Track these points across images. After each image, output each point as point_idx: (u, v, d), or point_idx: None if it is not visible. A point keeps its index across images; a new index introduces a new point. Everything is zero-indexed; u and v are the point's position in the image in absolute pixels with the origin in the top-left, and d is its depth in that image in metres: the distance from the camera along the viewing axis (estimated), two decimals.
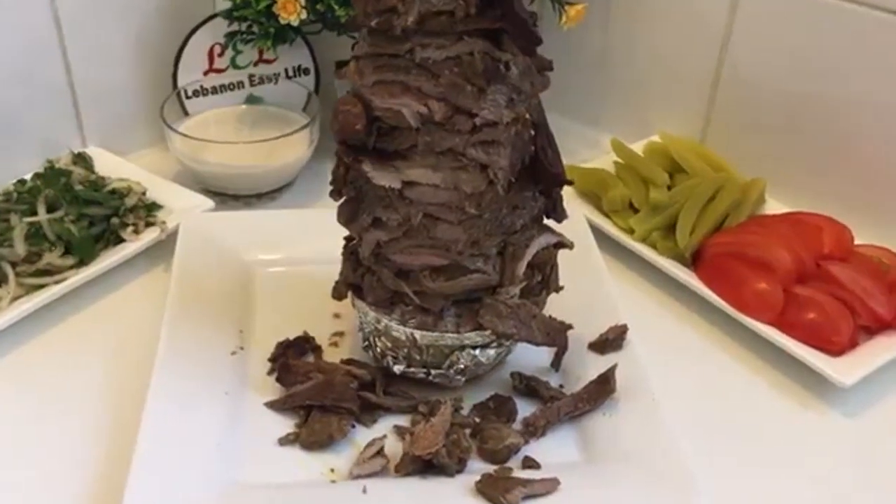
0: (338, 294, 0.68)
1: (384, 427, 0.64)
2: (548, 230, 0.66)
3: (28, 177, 0.84)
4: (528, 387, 0.67)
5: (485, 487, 0.57)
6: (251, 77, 0.96)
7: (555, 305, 0.68)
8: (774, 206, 0.88)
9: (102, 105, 0.93)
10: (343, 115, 0.58)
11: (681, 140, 0.93)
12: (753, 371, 0.73)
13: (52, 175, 0.83)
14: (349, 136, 0.58)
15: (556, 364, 0.68)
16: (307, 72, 0.99)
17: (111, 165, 0.89)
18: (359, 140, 0.58)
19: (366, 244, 0.63)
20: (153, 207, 0.83)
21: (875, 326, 0.73)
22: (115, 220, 0.79)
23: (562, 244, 0.66)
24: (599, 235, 0.82)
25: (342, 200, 0.64)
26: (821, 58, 0.84)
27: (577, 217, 0.81)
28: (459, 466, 0.60)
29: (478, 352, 0.64)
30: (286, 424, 0.64)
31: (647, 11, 0.96)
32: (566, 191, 0.65)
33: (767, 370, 0.73)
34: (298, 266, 0.78)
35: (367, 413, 0.65)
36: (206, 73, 0.95)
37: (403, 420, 0.65)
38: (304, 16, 0.85)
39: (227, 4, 0.89)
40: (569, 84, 1.03)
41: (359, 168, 0.59)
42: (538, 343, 0.65)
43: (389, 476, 0.60)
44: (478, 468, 0.60)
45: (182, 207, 0.84)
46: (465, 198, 0.59)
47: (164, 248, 0.80)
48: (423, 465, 0.60)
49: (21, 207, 0.78)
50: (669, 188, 0.86)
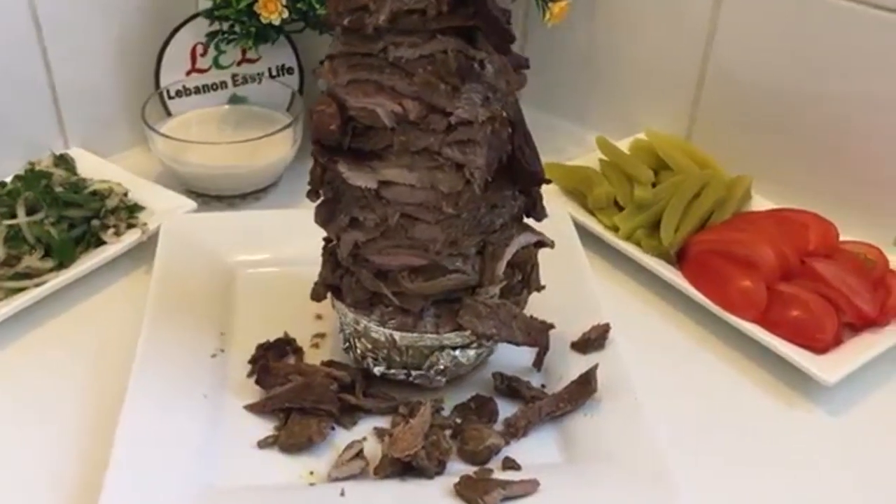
0: (317, 295, 0.67)
1: (364, 429, 0.64)
2: (528, 229, 0.65)
3: (8, 179, 0.83)
4: (510, 387, 0.66)
5: (464, 489, 0.57)
6: (234, 77, 0.95)
7: (537, 305, 0.67)
8: (760, 203, 0.87)
9: (84, 106, 0.92)
10: (318, 116, 0.57)
11: (666, 137, 0.93)
12: (738, 369, 0.72)
13: (33, 177, 0.82)
14: (324, 137, 0.58)
15: (538, 364, 0.68)
16: (291, 71, 0.98)
17: (93, 167, 0.88)
18: (334, 140, 0.58)
19: (344, 245, 0.62)
20: (135, 209, 0.83)
21: (860, 324, 0.72)
22: (96, 223, 0.79)
23: (542, 243, 0.66)
24: (584, 233, 0.82)
25: (319, 201, 0.63)
26: (806, 54, 0.84)
27: (562, 215, 0.81)
28: (439, 468, 0.59)
29: (458, 352, 0.64)
30: (265, 427, 0.63)
31: (632, 8, 0.96)
32: (551, 189, 0.64)
33: (752, 368, 0.72)
34: (280, 267, 0.78)
35: (347, 415, 0.64)
36: (189, 73, 0.94)
37: (384, 422, 0.64)
38: (286, 15, 0.85)
39: (209, 4, 0.88)
40: (554, 81, 1.03)
41: (334, 168, 0.58)
42: (519, 343, 0.65)
43: (368, 478, 0.60)
44: (458, 469, 0.60)
45: (164, 209, 0.83)
46: (442, 197, 0.58)
47: (146, 250, 0.80)
48: (403, 467, 0.59)
49: (0, 210, 0.77)
50: (655, 185, 0.86)
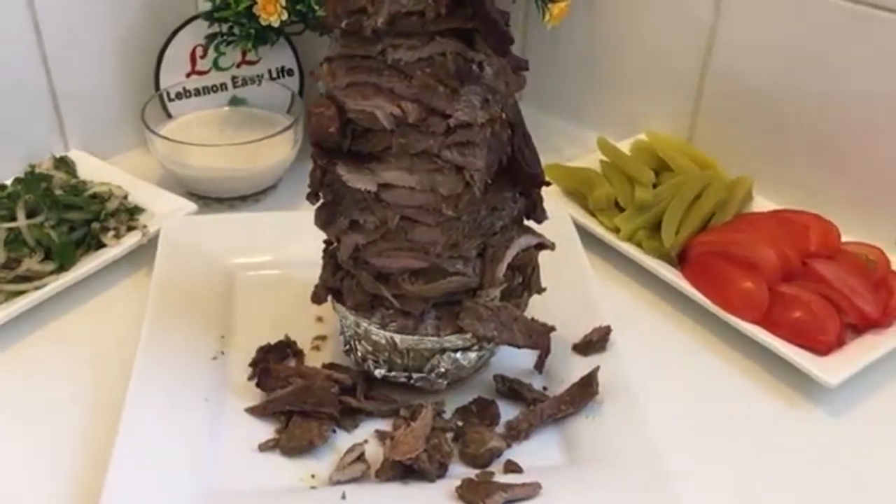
0: (317, 298, 0.67)
1: (365, 432, 0.64)
2: (528, 231, 0.65)
3: (8, 182, 0.83)
4: (511, 389, 0.66)
5: (465, 493, 0.57)
6: (234, 79, 0.95)
7: (538, 307, 0.67)
8: (762, 204, 0.87)
9: (84, 108, 0.92)
10: (316, 118, 0.57)
11: (667, 138, 0.93)
12: (739, 370, 0.72)
13: (33, 180, 0.82)
14: (323, 139, 0.58)
15: (540, 366, 0.68)
16: (291, 73, 0.98)
17: (93, 169, 0.88)
18: (333, 143, 0.58)
19: (344, 247, 0.62)
20: (135, 211, 0.83)
21: (862, 325, 0.72)
22: (96, 225, 0.79)
23: (543, 245, 0.65)
24: (585, 235, 0.82)
25: (319, 203, 0.63)
26: (808, 55, 0.83)
27: (563, 216, 0.81)
28: (440, 471, 0.59)
29: (459, 355, 0.64)
30: (266, 430, 0.63)
31: (633, 8, 0.95)
32: (551, 190, 0.64)
33: (753, 369, 0.72)
34: (281, 269, 0.78)
35: (349, 418, 0.64)
36: (189, 75, 0.94)
37: (385, 425, 0.64)
38: (285, 16, 0.85)
39: (208, 6, 0.88)
40: (554, 82, 1.03)
41: (334, 171, 0.58)
42: (520, 345, 0.65)
43: (370, 482, 0.60)
44: (459, 473, 0.60)
45: (164, 211, 0.83)
46: (442, 200, 0.58)
47: (146, 253, 0.80)
48: (404, 471, 0.59)
49: (0, 213, 0.77)
50: (655, 187, 0.86)
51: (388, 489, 0.59)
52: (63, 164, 0.88)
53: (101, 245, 0.79)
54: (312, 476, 0.60)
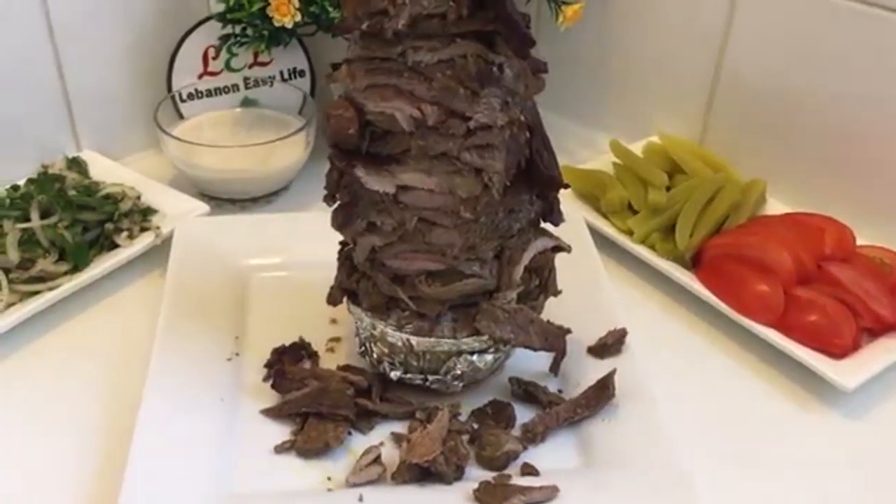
0: (333, 300, 0.67)
1: (381, 434, 0.63)
2: (545, 234, 0.65)
3: (21, 182, 0.83)
4: (527, 392, 0.66)
5: (483, 495, 0.56)
6: (246, 80, 0.95)
7: (553, 309, 0.67)
8: (775, 207, 0.87)
9: (96, 109, 0.92)
10: (335, 120, 0.57)
11: (680, 140, 0.93)
12: (755, 373, 0.72)
13: (46, 180, 0.82)
14: (342, 141, 0.58)
15: (555, 369, 0.68)
16: (302, 74, 0.98)
17: (106, 170, 0.88)
18: (352, 144, 0.58)
19: (360, 249, 0.62)
20: (148, 212, 0.83)
21: (877, 328, 0.72)
22: (110, 226, 0.79)
23: (559, 248, 0.65)
24: (598, 237, 0.82)
25: (336, 205, 0.63)
26: (820, 57, 0.83)
27: (576, 219, 0.81)
28: (457, 474, 0.59)
29: (475, 357, 0.64)
30: (282, 432, 0.63)
31: (646, 11, 0.95)
32: (564, 192, 0.64)
33: (769, 373, 0.72)
34: (295, 270, 0.78)
35: (364, 420, 0.64)
36: (201, 77, 0.94)
37: (401, 427, 0.64)
38: (298, 18, 0.85)
39: (221, 7, 0.88)
40: (567, 84, 1.03)
41: (352, 173, 0.58)
42: (536, 348, 0.64)
43: (386, 484, 0.59)
44: (476, 475, 0.60)
45: (177, 212, 0.83)
46: (461, 202, 0.58)
47: (160, 253, 0.80)
48: (421, 473, 0.59)
49: (14, 213, 0.77)
50: (668, 189, 0.86)
51: (405, 492, 0.58)
52: (75, 165, 0.88)
53: (115, 246, 0.79)
54: (328, 478, 0.60)
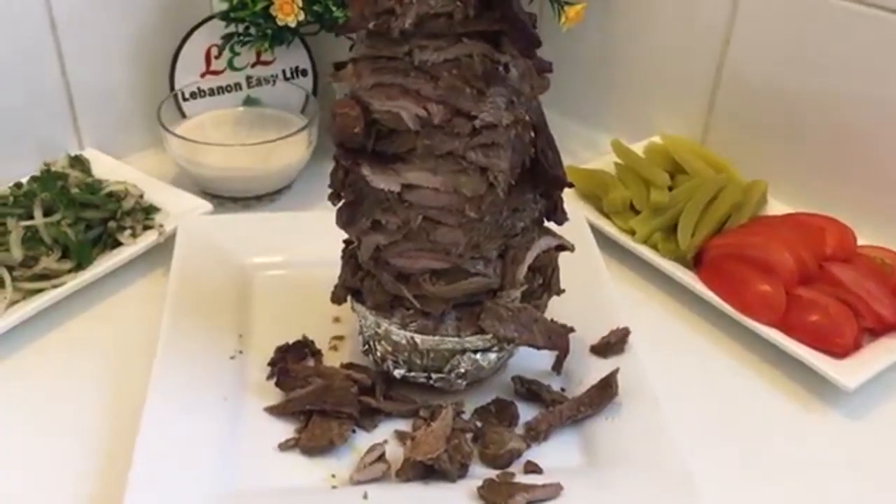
0: (337, 298, 0.67)
1: (385, 432, 0.64)
2: (548, 233, 0.65)
3: (24, 180, 0.83)
4: (530, 391, 0.66)
5: (487, 493, 0.57)
6: (249, 79, 0.95)
7: (555, 308, 0.67)
8: (777, 207, 0.87)
9: (99, 107, 0.92)
10: (341, 118, 0.57)
11: (682, 141, 0.93)
12: (756, 373, 0.72)
13: (49, 178, 0.82)
14: (347, 139, 0.58)
15: (558, 368, 0.68)
16: (305, 73, 0.98)
17: (108, 168, 0.89)
18: (357, 143, 0.58)
19: (365, 248, 0.62)
20: (151, 210, 0.83)
21: (879, 328, 0.72)
22: (113, 224, 0.79)
23: (563, 247, 0.66)
24: (600, 237, 0.82)
25: (341, 204, 0.63)
26: (822, 58, 0.84)
27: (578, 218, 0.81)
28: (461, 472, 0.59)
29: (479, 356, 0.64)
30: (286, 430, 0.63)
31: (647, 11, 0.96)
32: (566, 192, 0.64)
33: (770, 372, 0.72)
34: (298, 269, 0.78)
35: (368, 418, 0.64)
36: (204, 75, 0.95)
37: (404, 425, 0.64)
38: (302, 17, 0.85)
39: (224, 6, 0.88)
40: (568, 85, 1.03)
41: (357, 171, 0.58)
42: (539, 347, 0.65)
43: (391, 482, 0.60)
44: (480, 473, 0.60)
45: (180, 210, 0.83)
46: (465, 201, 0.58)
47: (162, 252, 0.80)
48: (425, 471, 0.59)
49: (17, 211, 0.77)
50: (670, 189, 0.86)
51: (410, 489, 0.59)
52: (78, 163, 0.88)
53: (118, 244, 0.79)
54: (333, 475, 0.60)
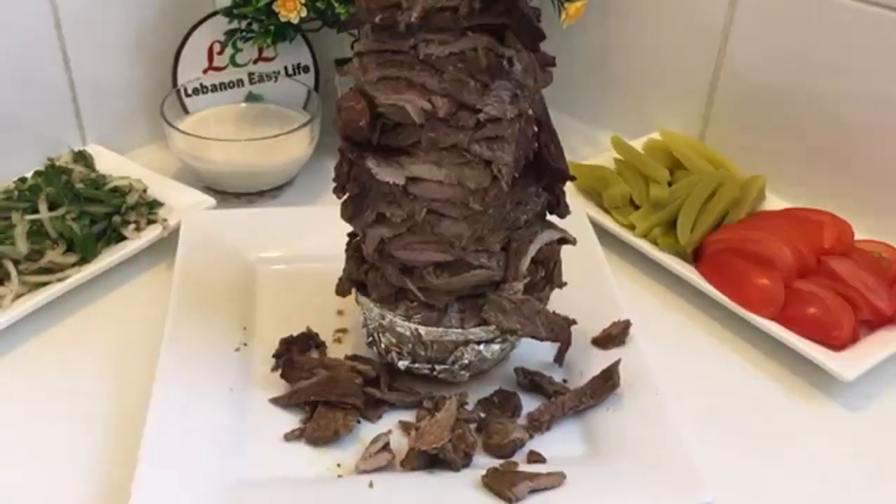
0: (341, 290, 0.68)
1: (389, 422, 0.64)
2: (551, 226, 0.66)
3: (29, 175, 0.84)
4: (532, 382, 0.67)
5: (491, 481, 0.57)
6: (251, 75, 0.96)
7: (557, 301, 0.68)
8: (774, 203, 0.88)
9: (102, 103, 0.93)
10: (347, 112, 0.58)
11: (681, 137, 0.94)
12: (755, 365, 0.73)
13: (53, 173, 0.83)
14: (353, 133, 0.58)
15: (560, 359, 0.69)
16: (307, 69, 0.99)
17: (111, 163, 0.89)
18: (363, 136, 0.58)
19: (370, 240, 0.63)
20: (154, 205, 0.83)
21: (876, 321, 0.73)
22: (117, 218, 0.79)
23: (565, 240, 0.66)
24: (600, 232, 0.82)
25: (346, 197, 0.64)
26: (820, 54, 0.84)
27: (579, 213, 0.81)
28: (465, 461, 0.60)
29: (482, 347, 0.64)
30: (291, 420, 0.64)
31: (646, 8, 0.97)
32: (566, 187, 0.65)
33: (769, 364, 0.73)
34: (300, 263, 0.78)
35: (372, 409, 0.65)
36: (206, 71, 0.95)
37: (408, 415, 0.65)
38: (304, 13, 0.85)
39: (227, 2, 0.89)
40: (568, 81, 1.04)
41: (363, 164, 0.59)
42: (542, 338, 0.65)
43: (395, 471, 0.60)
44: (483, 463, 0.60)
45: (183, 205, 0.84)
46: (469, 194, 0.59)
47: (166, 246, 0.80)
48: (429, 460, 0.60)
49: (22, 205, 0.78)
50: (670, 185, 0.87)
51: (415, 478, 0.59)
52: (81, 158, 0.88)
53: (122, 238, 0.79)
54: (338, 465, 0.61)
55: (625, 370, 0.66)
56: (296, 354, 0.68)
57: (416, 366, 0.66)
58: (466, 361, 0.65)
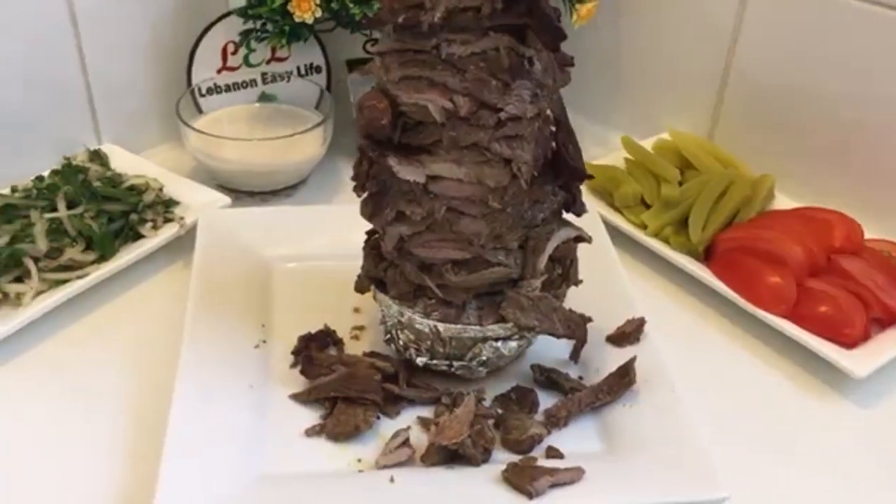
0: (360, 288, 0.68)
1: (407, 419, 0.65)
2: (567, 224, 0.66)
3: (46, 174, 0.84)
4: (549, 379, 0.68)
5: (512, 476, 0.58)
6: (264, 75, 0.97)
7: (571, 299, 0.69)
8: (783, 202, 0.89)
9: (117, 102, 0.93)
10: (369, 111, 0.58)
11: (691, 137, 0.95)
12: (767, 363, 0.74)
13: (70, 172, 0.83)
14: (375, 131, 0.59)
15: (575, 356, 0.69)
16: (318, 70, 0.99)
17: (126, 162, 0.90)
18: (384, 135, 0.59)
19: (389, 238, 0.64)
20: (170, 204, 0.84)
21: (887, 319, 0.74)
22: (134, 217, 0.80)
23: (581, 238, 0.67)
24: (611, 230, 0.83)
25: (365, 195, 0.64)
26: (829, 55, 0.85)
27: (591, 212, 0.81)
28: (485, 456, 0.61)
29: (500, 344, 0.65)
30: (310, 416, 0.65)
31: (657, 9, 0.97)
32: None
33: (781, 362, 0.74)
34: (316, 262, 0.79)
35: (391, 405, 0.65)
36: (220, 71, 0.96)
37: (426, 411, 0.66)
38: (319, 14, 0.86)
39: (242, 2, 0.89)
40: (578, 81, 1.03)
41: (384, 163, 0.60)
42: (559, 335, 0.66)
43: (416, 466, 0.61)
44: (501, 458, 0.61)
45: (198, 204, 0.84)
46: (489, 192, 0.59)
47: (182, 244, 0.81)
48: (449, 455, 0.60)
49: (41, 203, 0.78)
50: (680, 184, 0.88)
51: (435, 473, 0.60)
52: (97, 157, 0.89)
53: (139, 236, 0.80)
54: (359, 460, 0.61)
55: (640, 367, 0.67)
56: (314, 351, 0.69)
57: (434, 362, 0.66)
58: (484, 358, 0.65)
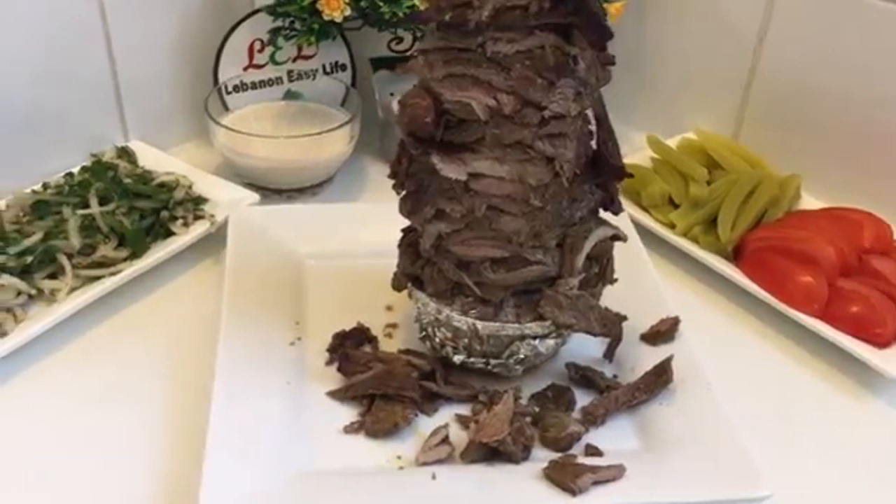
0: (397, 285, 0.68)
1: (445, 416, 0.65)
2: (604, 223, 0.67)
3: (75, 170, 0.84)
4: (584, 377, 0.68)
5: (553, 473, 0.58)
6: (290, 73, 0.97)
7: (604, 298, 0.69)
8: (809, 202, 0.89)
9: (144, 99, 0.93)
10: (412, 108, 0.58)
11: (716, 136, 0.95)
12: (799, 363, 0.74)
13: (101, 169, 0.84)
14: (418, 129, 0.59)
15: (610, 355, 0.70)
16: (343, 68, 0.99)
17: (153, 159, 0.90)
18: (427, 132, 0.59)
19: (427, 236, 0.64)
20: (200, 201, 0.84)
21: None
22: (165, 214, 0.80)
23: (617, 237, 0.67)
24: (639, 230, 0.83)
25: (404, 193, 0.64)
26: (855, 55, 0.85)
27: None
28: (525, 454, 0.61)
29: (537, 342, 0.65)
30: (348, 413, 0.65)
31: (682, 8, 0.98)
32: None
33: (814, 361, 0.74)
34: (347, 259, 0.79)
35: (428, 402, 0.65)
36: (246, 69, 0.96)
37: (463, 409, 0.66)
38: (348, 12, 0.86)
39: (270, 0, 0.90)
40: None
41: (426, 160, 0.60)
42: (596, 333, 0.66)
43: (455, 463, 0.61)
44: (541, 456, 0.61)
45: (227, 201, 0.84)
46: (530, 190, 0.60)
47: (211, 242, 0.81)
48: (489, 453, 0.60)
49: (73, 200, 0.78)
50: (707, 184, 0.88)
51: (476, 470, 0.60)
52: (125, 154, 0.89)
53: (170, 233, 0.80)
54: (398, 457, 0.62)
55: (675, 366, 0.67)
56: (349, 349, 0.69)
57: (472, 360, 0.66)
58: (521, 356, 0.65)
